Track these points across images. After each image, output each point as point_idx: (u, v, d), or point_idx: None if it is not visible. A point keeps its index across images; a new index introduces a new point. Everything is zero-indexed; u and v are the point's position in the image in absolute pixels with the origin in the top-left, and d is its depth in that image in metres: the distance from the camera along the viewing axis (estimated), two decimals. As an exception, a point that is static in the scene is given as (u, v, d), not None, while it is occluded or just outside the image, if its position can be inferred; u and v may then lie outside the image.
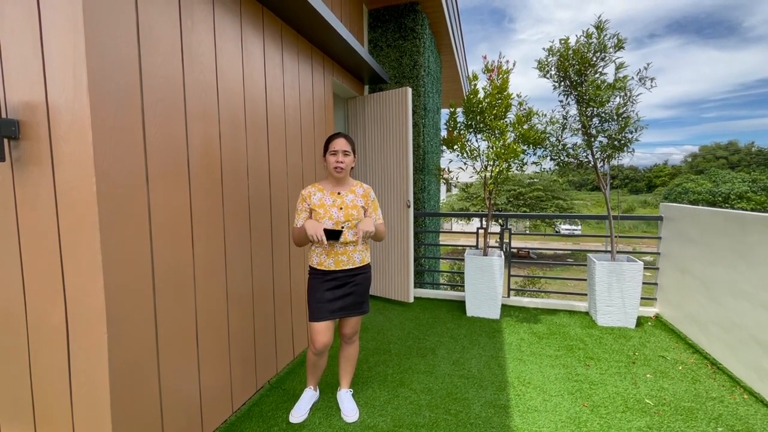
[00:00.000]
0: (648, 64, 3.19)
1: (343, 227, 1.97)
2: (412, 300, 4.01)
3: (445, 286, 5.23)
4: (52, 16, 1.28)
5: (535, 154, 3.72)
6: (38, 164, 1.38)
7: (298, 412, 2.12)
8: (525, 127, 3.57)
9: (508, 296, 4.13)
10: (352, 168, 2.09)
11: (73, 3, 1.25)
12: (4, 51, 1.37)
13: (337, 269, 2.01)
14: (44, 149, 1.36)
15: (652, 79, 3.19)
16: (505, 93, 3.53)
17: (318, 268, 2.02)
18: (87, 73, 1.26)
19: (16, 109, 1.37)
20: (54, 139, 1.34)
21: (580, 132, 3.50)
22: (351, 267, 2.03)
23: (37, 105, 1.34)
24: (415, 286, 4.42)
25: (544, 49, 3.45)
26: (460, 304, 4.03)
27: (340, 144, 2.01)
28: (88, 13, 1.26)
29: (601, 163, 3.53)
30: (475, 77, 3.64)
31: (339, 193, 2.04)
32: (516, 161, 3.60)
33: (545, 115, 3.62)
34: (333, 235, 1.90)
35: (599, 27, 3.22)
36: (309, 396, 2.21)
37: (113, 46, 1.37)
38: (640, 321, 3.54)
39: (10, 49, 1.36)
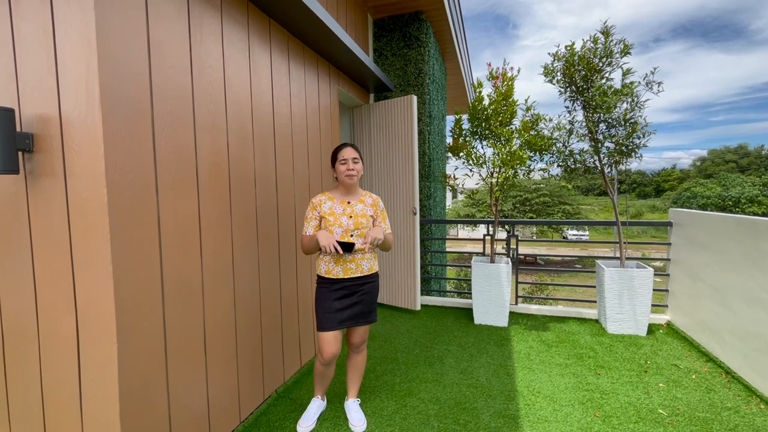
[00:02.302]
0: (655, 69, 3.17)
1: (352, 235, 1.98)
2: (419, 308, 3.99)
3: (452, 294, 5.19)
4: (66, 32, 1.32)
5: (541, 160, 3.71)
6: (51, 176, 1.40)
7: (306, 422, 2.11)
8: (531, 133, 3.56)
9: (516, 303, 4.09)
10: (360, 176, 2.10)
11: (86, 19, 1.29)
12: (20, 66, 1.41)
13: (346, 277, 2.01)
14: (57, 161, 1.38)
15: (659, 84, 3.17)
16: (510, 100, 3.54)
17: (326, 276, 2.02)
18: (99, 87, 1.29)
19: (31, 123, 1.41)
20: (67, 151, 1.36)
21: (587, 137, 3.49)
22: (359, 275, 2.03)
23: (50, 118, 1.37)
24: (421, 294, 4.40)
25: (549, 54, 3.46)
26: (468, 312, 4.00)
27: (348, 153, 2.04)
28: (100, 29, 1.30)
29: (609, 168, 3.51)
30: (480, 85, 3.66)
31: (349, 202, 2.05)
32: (522, 168, 3.59)
33: (551, 120, 3.62)
34: (346, 247, 1.90)
35: (606, 32, 3.22)
36: (316, 406, 2.20)
37: (125, 60, 1.40)
38: (652, 328, 3.48)
39: (25, 64, 1.40)
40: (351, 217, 2.01)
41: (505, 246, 4.18)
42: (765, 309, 2.42)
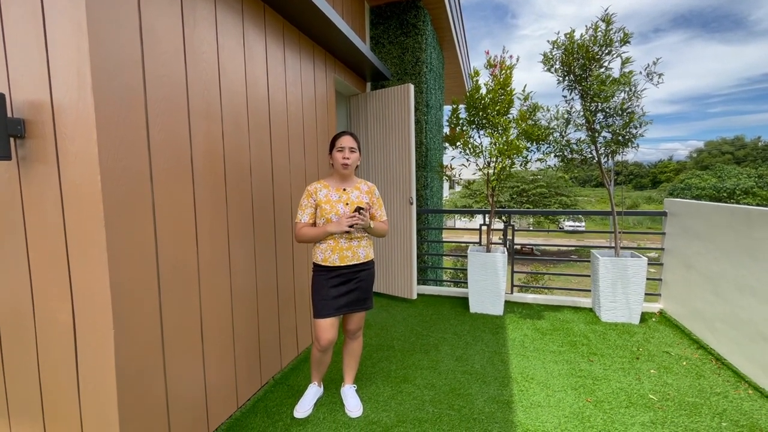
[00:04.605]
0: (657, 59, 3.15)
1: (357, 207, 1.99)
2: (415, 297, 4.02)
3: (449, 283, 5.23)
4: (56, 16, 1.29)
5: (539, 150, 3.70)
6: (44, 162, 1.39)
7: (303, 407, 2.14)
8: (529, 123, 3.55)
9: (512, 293, 4.13)
10: (357, 166, 2.10)
11: (76, 3, 1.26)
12: (10, 51, 1.39)
13: (342, 265, 2.02)
14: (50, 147, 1.37)
15: (659, 75, 3.16)
16: (508, 88, 3.51)
17: (322, 264, 2.03)
18: (91, 72, 1.27)
19: (22, 108, 1.39)
20: (59, 137, 1.35)
21: (584, 127, 3.48)
22: (355, 263, 2.04)
23: (42, 104, 1.35)
24: (418, 283, 4.42)
25: (548, 41, 3.43)
26: (464, 301, 4.03)
27: (346, 141, 2.03)
28: (91, 13, 1.27)
29: (605, 159, 3.52)
30: (477, 73, 3.62)
31: (344, 189, 2.06)
32: (519, 158, 3.59)
33: (548, 110, 3.60)
34: (359, 212, 1.95)
35: (606, 20, 3.20)
36: (313, 391, 2.23)
37: (116, 45, 1.37)
38: (644, 317, 3.53)
39: (15, 49, 1.38)
40: (347, 204, 2.01)
41: (501, 236, 4.20)
42: (756, 297, 2.46)
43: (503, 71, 3.52)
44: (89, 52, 1.27)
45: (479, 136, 3.76)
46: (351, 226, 1.93)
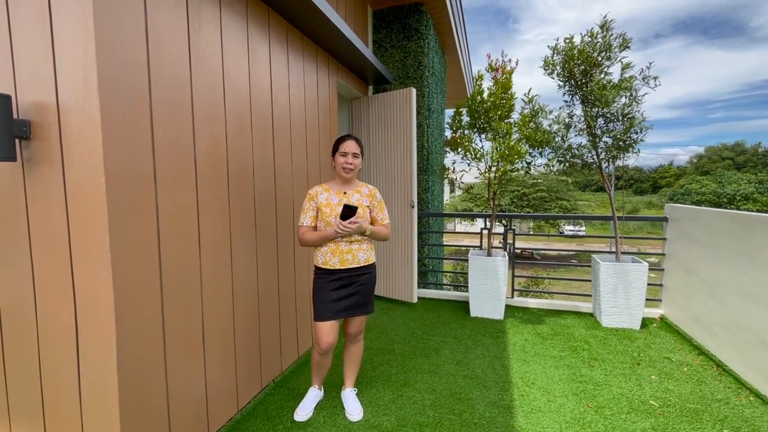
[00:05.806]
0: (650, 63, 3.17)
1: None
2: (415, 300, 4.02)
3: (449, 287, 5.22)
4: (63, 19, 1.30)
5: (541, 155, 3.71)
6: (49, 164, 1.40)
7: (303, 411, 2.13)
8: (531, 127, 3.56)
9: (512, 297, 4.13)
10: (358, 171, 2.11)
11: (83, 6, 1.27)
12: (16, 53, 1.40)
13: (343, 268, 2.02)
14: (54, 149, 1.38)
15: (655, 78, 3.17)
16: (509, 92, 3.53)
17: (323, 267, 2.03)
18: (97, 74, 1.28)
19: (28, 110, 1.40)
20: (64, 139, 1.36)
21: (585, 132, 3.49)
22: (356, 266, 2.04)
23: (47, 106, 1.36)
24: (418, 287, 4.42)
25: (548, 47, 3.44)
26: (464, 305, 4.03)
27: (350, 146, 2.04)
28: (98, 16, 1.28)
29: (606, 164, 3.52)
30: (481, 77, 3.64)
31: (345, 193, 2.07)
32: (521, 162, 3.60)
33: (551, 112, 3.61)
34: (349, 211, 1.91)
35: (604, 26, 3.21)
36: (314, 395, 2.22)
37: (122, 48, 1.38)
38: (645, 322, 3.52)
39: (21, 51, 1.39)
40: None
41: (501, 240, 4.20)
42: (756, 303, 2.45)
43: (504, 75, 3.53)
44: (95, 54, 1.27)
45: (480, 140, 3.77)
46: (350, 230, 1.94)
